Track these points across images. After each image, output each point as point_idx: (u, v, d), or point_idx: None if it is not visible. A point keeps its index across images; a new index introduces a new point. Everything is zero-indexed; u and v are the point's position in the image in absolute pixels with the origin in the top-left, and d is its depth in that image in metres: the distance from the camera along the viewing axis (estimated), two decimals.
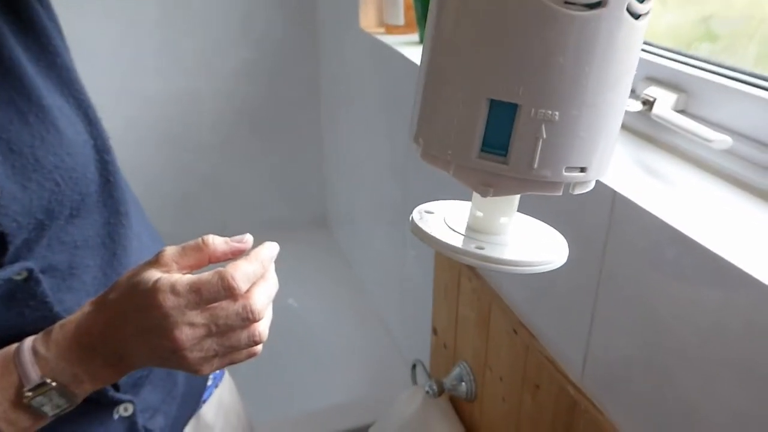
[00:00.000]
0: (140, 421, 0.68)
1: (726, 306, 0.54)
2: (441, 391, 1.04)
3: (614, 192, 0.65)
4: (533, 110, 0.37)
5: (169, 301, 0.50)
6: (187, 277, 0.51)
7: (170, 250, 0.54)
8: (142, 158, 1.91)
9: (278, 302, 0.57)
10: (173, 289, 0.50)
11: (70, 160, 0.59)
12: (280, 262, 0.57)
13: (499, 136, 0.38)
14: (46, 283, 0.57)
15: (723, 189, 0.65)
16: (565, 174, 0.39)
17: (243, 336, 0.53)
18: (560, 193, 0.40)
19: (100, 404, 0.64)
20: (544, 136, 0.37)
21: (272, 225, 2.13)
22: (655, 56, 0.79)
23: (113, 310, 0.53)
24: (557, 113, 0.37)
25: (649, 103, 0.74)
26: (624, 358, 0.68)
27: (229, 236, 0.57)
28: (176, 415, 0.75)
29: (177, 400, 0.74)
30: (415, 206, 0.49)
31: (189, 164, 1.98)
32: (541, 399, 0.83)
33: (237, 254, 0.55)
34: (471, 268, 0.99)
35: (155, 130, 1.90)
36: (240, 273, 0.51)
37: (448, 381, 1.06)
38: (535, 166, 0.38)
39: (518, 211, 0.47)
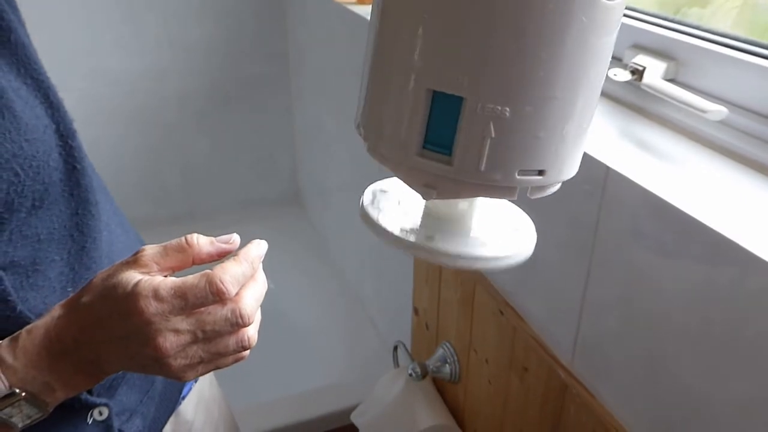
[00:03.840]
0: (116, 424, 0.64)
1: (725, 285, 0.52)
2: (425, 373, 1.02)
3: (607, 167, 0.62)
4: (479, 105, 0.32)
5: (151, 306, 0.46)
6: (171, 281, 0.47)
7: (150, 250, 0.50)
8: (106, 139, 1.85)
9: None
10: (156, 294, 0.46)
11: (29, 148, 0.54)
12: (254, 240, 0.53)
13: (443, 132, 0.33)
14: (7, 281, 0.53)
15: (718, 162, 0.63)
16: (519, 178, 0.34)
17: (231, 342, 0.50)
18: (515, 198, 0.36)
19: (72, 408, 0.60)
20: (493, 134, 0.32)
21: (244, 203, 2.09)
22: (642, 22, 0.76)
23: (87, 314, 0.49)
24: (507, 109, 0.32)
25: (638, 73, 0.71)
26: (617, 339, 0.66)
27: (200, 218, 0.52)
28: (155, 416, 0.71)
29: (155, 399, 0.71)
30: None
31: (155, 144, 1.92)
32: (530, 382, 0.81)
33: (223, 255, 0.52)
34: None
35: (118, 109, 1.83)
36: (229, 276, 0.48)
37: (431, 363, 1.04)
38: (483, 168, 0.33)
39: None
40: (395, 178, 0.46)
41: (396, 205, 0.42)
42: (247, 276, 0.50)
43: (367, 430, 1.14)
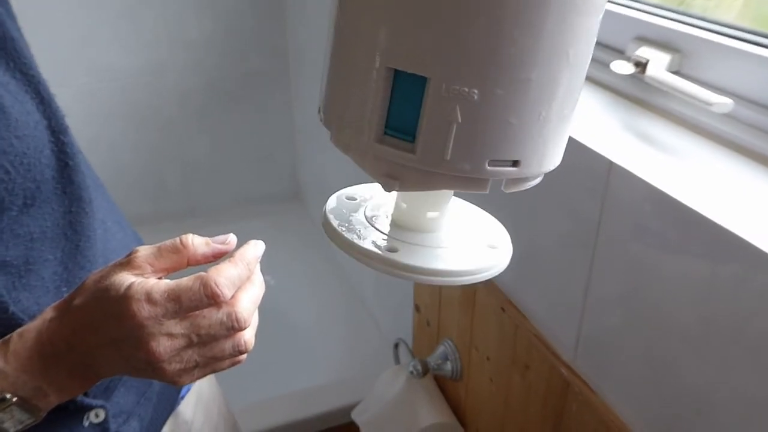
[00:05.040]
0: (113, 427, 0.63)
1: (730, 281, 0.51)
2: (426, 371, 1.01)
3: (610, 162, 0.60)
4: (445, 86, 0.29)
5: (144, 310, 0.45)
6: (165, 283, 0.46)
7: (144, 251, 0.48)
8: (104, 136, 1.84)
9: None
10: (149, 297, 0.45)
11: (19, 144, 0.53)
12: (253, 238, 0.52)
13: (406, 117, 0.30)
14: None
15: (723, 155, 0.61)
16: (490, 169, 0.31)
17: (227, 345, 0.48)
18: (486, 191, 0.33)
19: (68, 411, 0.59)
20: (459, 119, 0.29)
21: (244, 200, 2.08)
22: (645, 14, 0.75)
23: (79, 317, 0.47)
24: (476, 91, 0.29)
25: (641, 65, 0.70)
26: (619, 337, 0.65)
27: (200, 215, 0.51)
28: (152, 417, 0.70)
29: (152, 401, 0.70)
30: None
31: (155, 141, 1.91)
32: (532, 380, 0.80)
33: (219, 256, 0.50)
34: None
35: (116, 106, 1.82)
36: (224, 278, 0.46)
37: (432, 360, 1.03)
38: (448, 156, 0.30)
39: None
40: (366, 185, 0.43)
41: (362, 213, 0.39)
42: (243, 278, 0.48)
43: (367, 428, 1.13)
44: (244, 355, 0.50)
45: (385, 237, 0.37)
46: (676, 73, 0.68)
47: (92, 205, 0.61)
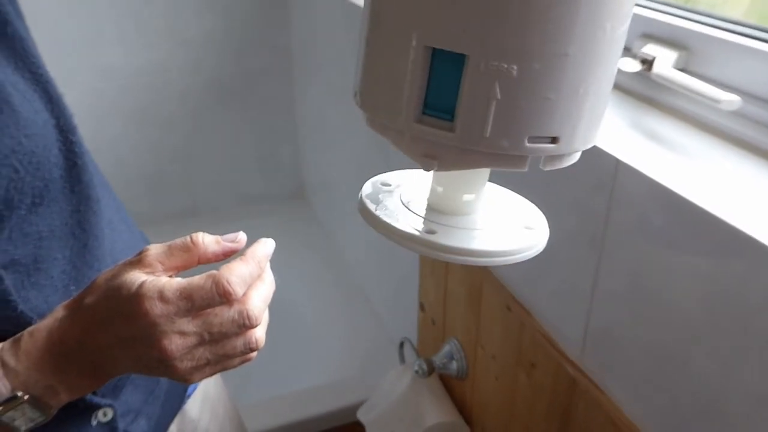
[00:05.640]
0: (121, 425, 0.63)
1: (739, 278, 0.51)
2: (431, 370, 1.01)
3: (617, 160, 0.60)
4: (483, 63, 0.29)
5: (156, 308, 0.45)
6: (177, 281, 0.46)
7: (155, 250, 0.49)
8: (107, 134, 1.83)
9: None
10: (161, 295, 0.45)
11: (28, 143, 0.53)
12: (255, 237, 0.52)
13: (445, 96, 0.30)
14: (8, 280, 0.52)
15: (731, 153, 0.61)
16: (529, 145, 0.31)
17: (239, 343, 0.49)
18: (525, 169, 0.33)
19: (76, 409, 0.59)
20: (499, 96, 0.29)
21: (247, 198, 2.07)
22: (652, 11, 0.74)
23: (90, 316, 0.47)
24: (515, 67, 0.29)
25: (647, 63, 0.69)
26: (626, 335, 0.65)
27: (203, 213, 0.51)
28: (160, 416, 0.70)
29: (160, 399, 0.70)
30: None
31: (157, 139, 1.91)
32: (538, 378, 0.80)
33: (229, 255, 0.51)
34: None
35: (119, 104, 1.82)
36: (236, 276, 0.47)
37: (437, 359, 1.03)
38: (488, 134, 0.30)
39: (495, 182, 0.40)
40: (398, 172, 0.44)
41: (397, 198, 0.40)
42: (254, 276, 0.49)
43: (373, 427, 1.13)
44: (255, 353, 0.51)
45: (423, 220, 0.37)
46: (682, 70, 0.68)
47: (100, 204, 0.61)
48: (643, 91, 0.73)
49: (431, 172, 0.39)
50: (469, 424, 1.03)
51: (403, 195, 0.40)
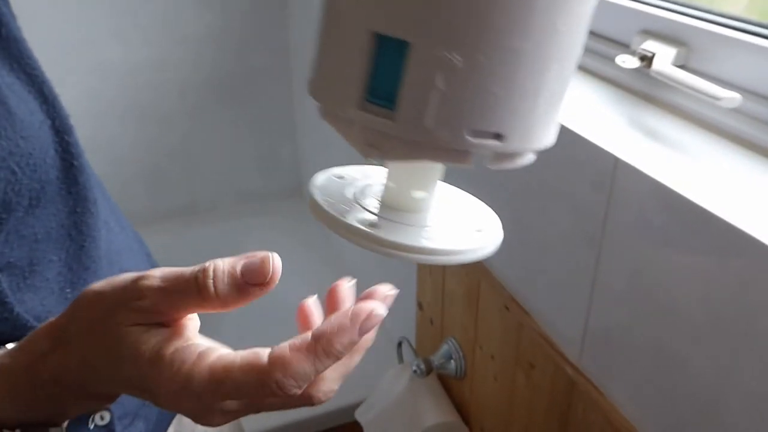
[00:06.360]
0: (119, 429, 0.62)
1: (739, 278, 0.50)
2: (429, 370, 1.00)
3: (616, 158, 0.59)
4: (427, 51, 0.28)
5: (184, 402, 0.36)
6: (208, 365, 0.35)
7: (154, 286, 0.36)
8: (105, 132, 1.83)
9: None
10: (186, 384, 0.35)
11: (25, 144, 0.52)
12: (254, 235, 0.49)
13: (389, 83, 0.29)
14: (4, 282, 0.51)
15: (731, 151, 0.60)
16: (471, 140, 0.30)
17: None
18: (469, 165, 0.31)
19: None
20: (441, 86, 0.28)
21: (245, 196, 2.07)
22: (651, 6, 0.73)
23: (80, 352, 0.39)
24: (459, 57, 0.28)
25: (647, 59, 0.68)
26: (626, 335, 0.64)
27: (201, 211, 0.40)
28: (157, 419, 0.69)
29: None
30: None
31: (155, 137, 1.90)
32: (537, 379, 0.79)
33: (250, 298, 0.37)
34: None
35: (117, 102, 1.81)
36: (292, 376, 0.35)
37: (436, 359, 1.02)
38: (428, 125, 0.29)
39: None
40: (355, 166, 0.42)
41: (350, 192, 0.39)
42: (321, 371, 0.36)
43: (371, 428, 1.12)
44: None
45: (371, 215, 0.36)
46: (682, 67, 0.67)
47: (97, 205, 0.60)
48: (641, 88, 0.72)
49: (387, 170, 0.38)
50: (467, 424, 1.02)
51: (356, 189, 0.39)
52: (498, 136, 0.30)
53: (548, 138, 0.33)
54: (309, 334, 0.36)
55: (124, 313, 0.37)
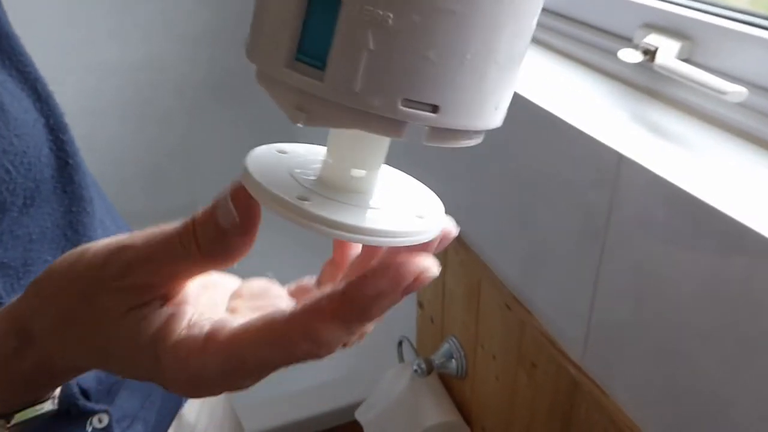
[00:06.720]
0: (117, 431, 0.61)
1: (745, 275, 0.49)
2: (430, 369, 0.99)
3: (620, 154, 0.58)
4: (358, 7, 0.26)
5: (204, 389, 0.34)
6: (221, 349, 0.33)
7: (138, 263, 0.33)
8: (104, 132, 1.82)
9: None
10: (200, 373, 0.32)
11: (19, 143, 0.51)
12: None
13: (320, 41, 0.27)
14: None
15: (737, 146, 0.59)
16: (404, 109, 0.28)
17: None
18: (402, 137, 0.29)
19: (70, 416, 0.56)
20: (371, 46, 0.26)
21: None
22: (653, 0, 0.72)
23: (57, 347, 0.35)
24: (390, 15, 0.26)
25: (650, 53, 0.67)
26: (629, 334, 0.63)
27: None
28: (156, 420, 0.68)
29: (156, 403, 0.68)
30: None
31: (154, 137, 1.90)
32: (539, 379, 0.78)
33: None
34: (457, 240, 0.92)
35: (116, 101, 1.81)
36: (324, 343, 0.32)
37: (436, 358, 1.01)
38: (358, 88, 0.27)
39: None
40: (303, 144, 0.40)
41: (287, 165, 0.36)
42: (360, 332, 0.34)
43: (371, 427, 1.11)
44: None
45: (305, 189, 0.34)
46: (686, 61, 0.66)
47: (93, 204, 0.59)
48: (645, 82, 0.71)
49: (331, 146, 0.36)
50: (468, 424, 1.02)
51: (295, 164, 0.37)
52: (434, 108, 0.28)
53: (492, 118, 0.31)
54: (337, 290, 0.32)
55: (105, 297, 0.32)
